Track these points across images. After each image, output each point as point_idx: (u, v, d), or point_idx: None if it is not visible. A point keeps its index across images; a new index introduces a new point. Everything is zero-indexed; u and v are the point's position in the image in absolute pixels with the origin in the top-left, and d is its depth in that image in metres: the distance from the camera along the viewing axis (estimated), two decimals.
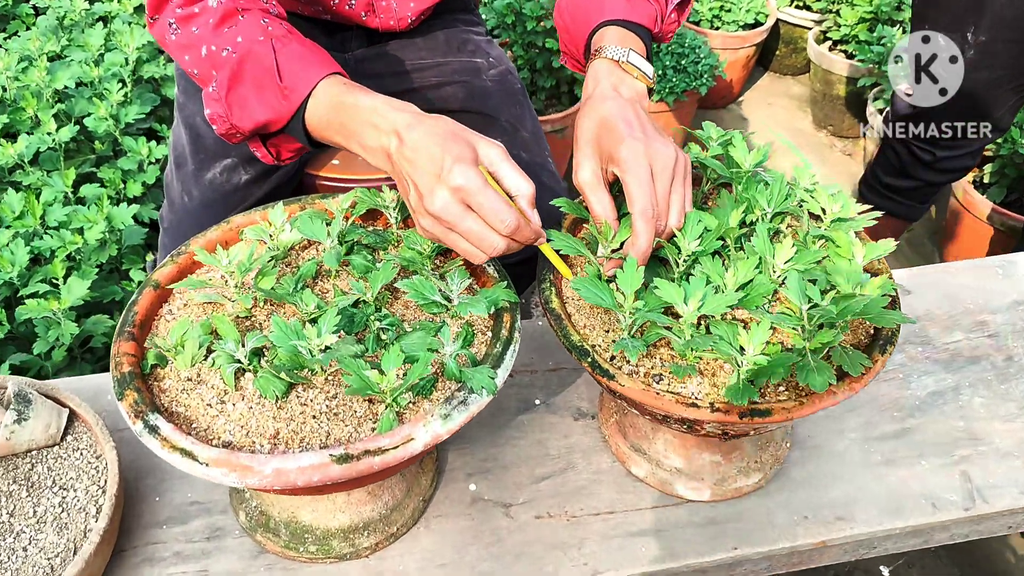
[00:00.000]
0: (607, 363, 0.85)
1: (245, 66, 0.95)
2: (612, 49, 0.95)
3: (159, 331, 0.90)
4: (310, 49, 0.97)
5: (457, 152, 0.82)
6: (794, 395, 0.84)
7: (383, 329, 0.87)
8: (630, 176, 0.85)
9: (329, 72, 0.94)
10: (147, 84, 1.92)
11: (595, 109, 0.91)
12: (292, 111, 0.94)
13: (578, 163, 0.91)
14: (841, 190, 0.92)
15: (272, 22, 0.99)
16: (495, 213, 0.81)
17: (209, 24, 0.98)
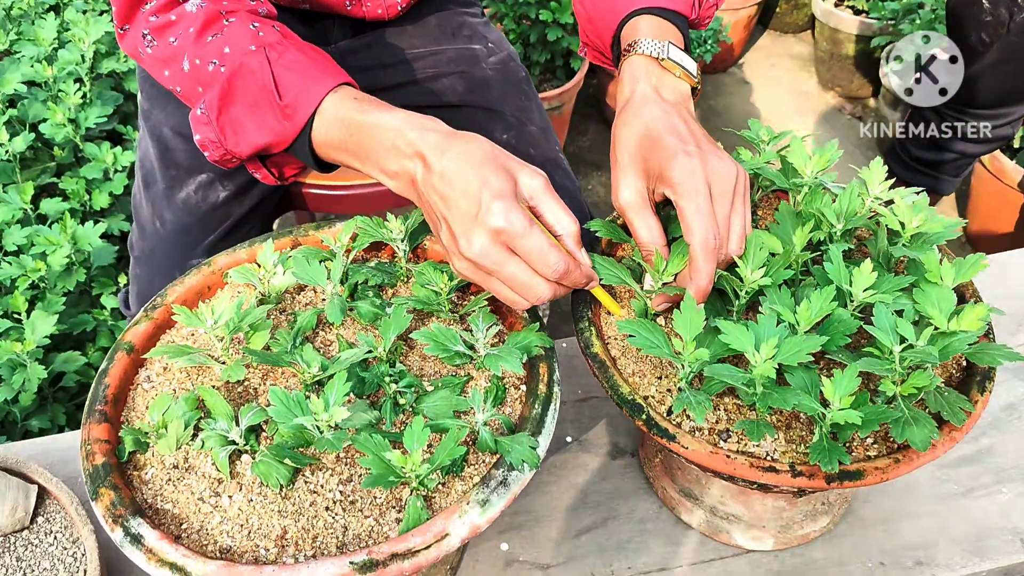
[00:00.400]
0: (665, 420, 0.73)
1: (237, 82, 0.82)
2: (648, 43, 0.81)
3: (136, 405, 0.76)
4: (311, 56, 0.83)
5: (497, 186, 0.70)
6: (884, 448, 0.73)
7: (400, 392, 0.74)
8: (687, 201, 0.72)
9: (336, 83, 0.81)
10: (107, 80, 1.75)
11: (636, 117, 0.77)
12: (296, 132, 0.81)
13: (618, 181, 0.78)
14: (924, 197, 0.79)
15: (263, 25, 0.85)
16: (543, 257, 0.70)
17: (190, 33, 0.84)
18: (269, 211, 1.25)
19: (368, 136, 0.77)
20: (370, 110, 0.78)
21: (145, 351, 0.80)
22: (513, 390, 0.77)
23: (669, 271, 0.77)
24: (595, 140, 2.56)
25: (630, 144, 0.77)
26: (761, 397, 0.69)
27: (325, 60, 0.84)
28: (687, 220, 0.72)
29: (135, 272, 1.15)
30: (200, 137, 0.85)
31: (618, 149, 0.78)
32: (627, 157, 0.77)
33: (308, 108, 0.80)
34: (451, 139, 0.73)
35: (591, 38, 0.93)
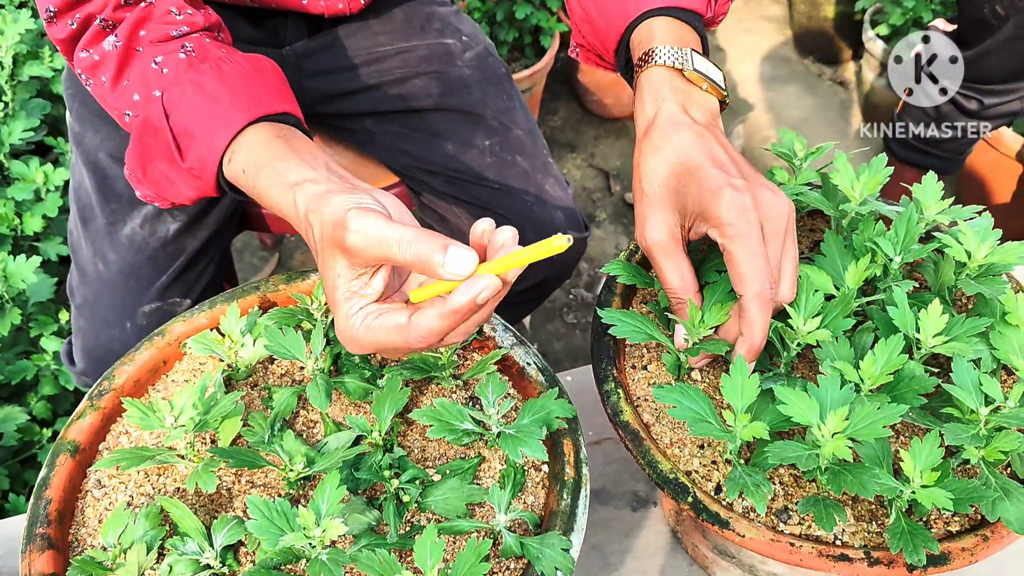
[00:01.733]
0: (714, 502, 0.63)
1: (147, 139, 0.74)
2: (668, 52, 0.69)
3: (86, 519, 0.64)
4: (210, 94, 0.70)
5: (330, 290, 0.58)
6: (966, 520, 0.63)
7: (403, 489, 0.63)
8: (739, 245, 0.61)
9: (233, 132, 0.69)
10: (31, 84, 1.57)
11: (666, 142, 0.66)
12: (212, 188, 0.73)
13: (645, 216, 0.66)
14: (989, 222, 0.69)
15: (167, 57, 0.73)
16: (397, 351, 0.59)
17: (104, 83, 0.75)
18: (227, 240, 1.11)
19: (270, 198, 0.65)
20: (258, 179, 0.66)
21: (93, 449, 0.67)
22: (534, 471, 0.66)
23: (707, 323, 0.66)
24: (567, 119, 2.43)
25: (660, 175, 0.65)
26: (831, 478, 0.59)
27: (228, 90, 0.70)
28: (739, 266, 0.61)
29: (78, 323, 1.00)
30: (141, 194, 0.79)
31: (645, 180, 0.66)
32: (657, 190, 0.65)
33: (211, 171, 0.70)
34: (310, 230, 0.60)
35: (590, 40, 0.80)
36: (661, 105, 0.68)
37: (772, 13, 2.78)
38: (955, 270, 0.69)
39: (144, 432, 0.68)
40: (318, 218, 0.58)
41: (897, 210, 0.72)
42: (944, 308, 0.66)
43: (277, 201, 0.64)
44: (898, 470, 0.63)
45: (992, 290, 0.66)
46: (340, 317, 0.58)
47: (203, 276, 1.05)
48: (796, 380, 0.66)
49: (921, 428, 0.67)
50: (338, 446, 0.65)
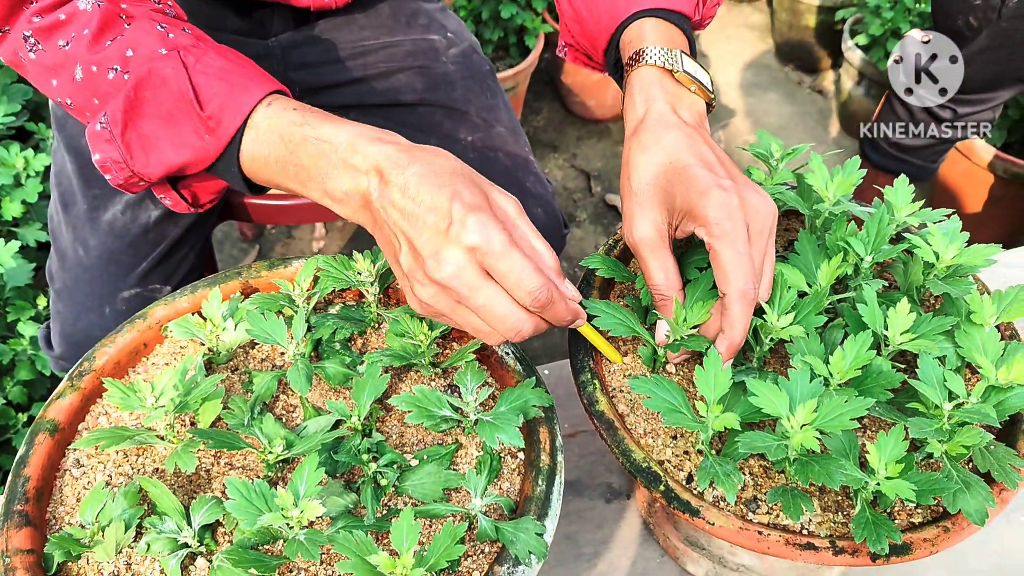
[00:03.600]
0: (686, 490, 0.64)
1: (145, 92, 0.68)
2: (658, 52, 0.70)
3: (64, 498, 0.64)
4: (235, 61, 0.70)
5: (471, 200, 0.59)
6: (929, 512, 0.65)
7: (380, 472, 0.64)
8: (725, 244, 0.62)
9: (268, 91, 0.68)
10: (11, 70, 1.56)
11: (655, 142, 0.67)
12: (220, 148, 0.68)
13: (633, 214, 0.67)
14: (957, 225, 0.71)
15: (172, 27, 0.71)
16: (522, 282, 0.59)
17: (84, 36, 0.70)
18: (208, 229, 1.11)
19: (312, 153, 0.65)
20: (315, 123, 0.66)
21: (72, 429, 0.67)
22: (510, 458, 0.67)
23: (690, 321, 0.67)
24: (550, 119, 2.44)
25: (648, 173, 0.67)
26: (799, 468, 0.61)
27: (251, 65, 0.71)
28: (724, 266, 0.62)
29: (56, 308, 1.00)
30: (100, 156, 0.71)
31: (634, 178, 0.67)
32: (645, 188, 0.67)
33: (236, 120, 0.67)
34: (414, 151, 0.62)
35: (579, 39, 0.81)
36: (651, 105, 0.69)
37: (754, 21, 2.81)
38: (923, 270, 0.71)
39: (124, 413, 0.69)
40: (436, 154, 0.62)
41: (869, 211, 0.74)
42: (912, 307, 0.68)
43: (338, 126, 0.64)
44: (864, 462, 0.64)
45: (958, 290, 0.68)
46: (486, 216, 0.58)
47: (183, 263, 1.06)
48: (768, 374, 0.67)
49: (887, 422, 0.68)
50: (317, 430, 0.66)
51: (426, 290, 0.61)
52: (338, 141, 0.64)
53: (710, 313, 0.67)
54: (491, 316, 0.61)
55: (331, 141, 0.64)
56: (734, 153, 2.30)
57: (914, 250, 0.70)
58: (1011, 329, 0.75)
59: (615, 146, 2.39)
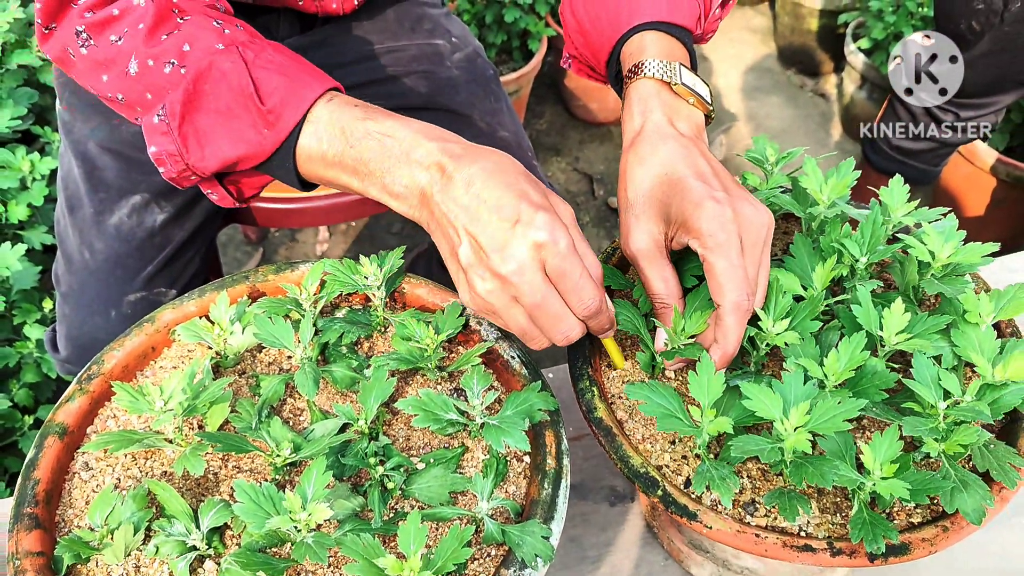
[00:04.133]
0: (683, 495, 0.65)
1: (204, 85, 0.69)
2: (657, 65, 0.71)
3: (73, 500, 0.65)
4: (293, 57, 0.71)
5: (537, 198, 0.61)
6: (928, 512, 0.66)
7: (387, 475, 0.65)
8: (718, 256, 0.63)
9: (326, 87, 0.70)
10: (18, 73, 1.57)
11: (652, 154, 0.68)
12: (278, 143, 0.69)
13: (630, 226, 0.68)
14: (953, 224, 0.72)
15: (227, 23, 0.72)
16: (579, 289, 0.62)
17: (139, 30, 0.71)
18: (213, 232, 1.12)
19: (374, 147, 0.66)
20: (378, 117, 0.67)
21: (81, 432, 0.68)
22: (516, 462, 0.68)
23: (688, 331, 0.68)
24: (552, 123, 2.45)
25: (644, 185, 0.68)
26: (794, 470, 0.62)
27: (308, 64, 0.72)
28: (718, 278, 0.63)
29: (63, 311, 1.01)
30: (156, 149, 0.71)
31: (630, 189, 0.68)
32: (641, 199, 0.68)
33: (296, 114, 0.68)
34: (476, 149, 0.64)
35: (582, 51, 0.82)
36: (648, 116, 0.70)
37: (756, 24, 2.82)
38: (919, 270, 0.72)
39: (132, 416, 0.70)
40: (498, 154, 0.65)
41: (864, 213, 0.74)
42: (908, 307, 0.69)
43: (402, 121, 0.66)
44: (861, 463, 0.65)
45: (954, 289, 0.69)
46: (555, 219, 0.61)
47: (189, 267, 1.07)
48: (763, 377, 0.68)
49: (884, 423, 0.69)
50: (324, 433, 0.67)
51: (485, 284, 0.62)
52: (401, 136, 0.66)
53: (708, 324, 0.68)
54: (544, 317, 0.63)
55: (394, 136, 0.66)
56: (735, 158, 2.30)
57: (909, 250, 0.71)
58: (1012, 326, 0.76)
59: (617, 149, 2.40)
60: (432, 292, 0.77)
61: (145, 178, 1.02)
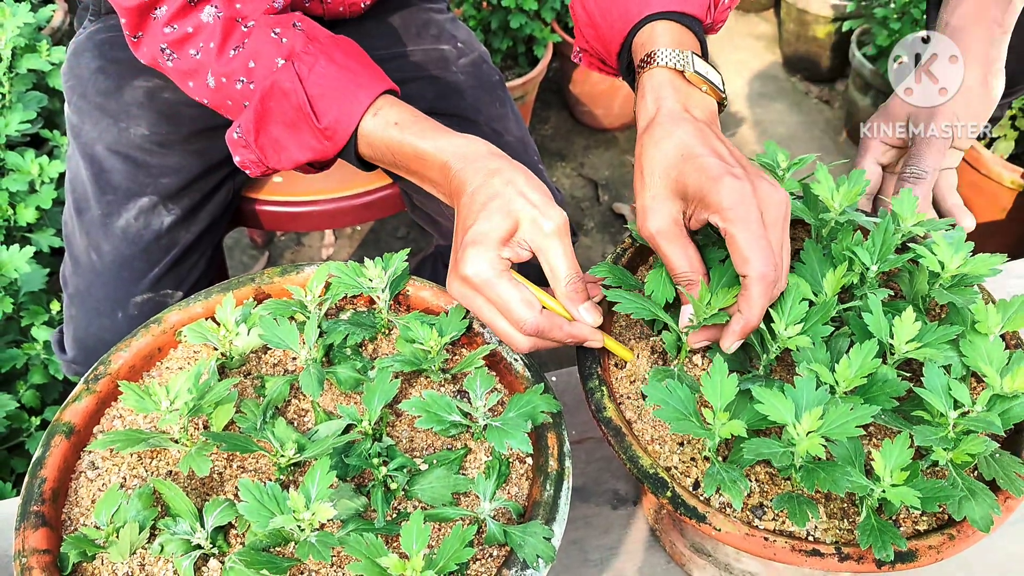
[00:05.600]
0: (692, 496, 0.65)
1: (270, 103, 0.79)
2: (669, 53, 0.72)
3: (80, 499, 0.65)
4: (342, 64, 0.79)
5: (482, 230, 0.68)
6: (934, 520, 0.66)
7: (390, 476, 0.65)
8: (739, 228, 0.63)
9: (373, 96, 0.78)
10: (28, 77, 1.58)
11: (667, 136, 0.68)
12: (338, 150, 0.80)
13: (646, 207, 0.68)
14: (962, 234, 0.72)
15: (284, 30, 0.79)
16: (509, 313, 0.68)
17: (211, 49, 0.80)
18: (219, 235, 1.13)
19: (416, 164, 0.77)
20: (413, 139, 0.76)
21: (87, 432, 0.69)
22: (518, 464, 0.68)
23: (714, 305, 0.68)
24: (558, 128, 2.46)
25: (661, 165, 0.68)
26: (805, 475, 0.62)
27: (358, 64, 0.80)
28: (741, 248, 0.63)
29: (70, 313, 1.02)
30: (240, 159, 0.84)
31: (647, 171, 0.68)
32: (658, 179, 0.68)
33: (348, 129, 0.78)
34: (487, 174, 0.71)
35: (593, 44, 0.83)
36: (662, 103, 0.70)
37: (761, 31, 2.82)
38: (929, 280, 0.72)
39: (138, 416, 0.70)
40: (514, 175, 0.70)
41: (875, 221, 0.74)
42: (917, 316, 0.69)
43: (435, 143, 0.75)
44: (870, 470, 0.65)
45: (963, 299, 0.69)
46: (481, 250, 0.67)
47: (195, 269, 1.07)
48: (774, 381, 0.68)
49: (893, 430, 0.69)
50: (328, 434, 0.67)
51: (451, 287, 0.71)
52: (431, 160, 0.75)
53: (734, 299, 0.67)
54: (496, 331, 0.69)
55: (425, 158, 0.76)
56: None
57: (919, 260, 0.71)
58: (1016, 338, 0.76)
59: (623, 155, 2.40)
60: (436, 295, 0.77)
61: (152, 181, 1.03)
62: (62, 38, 2.02)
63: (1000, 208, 1.84)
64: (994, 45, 0.92)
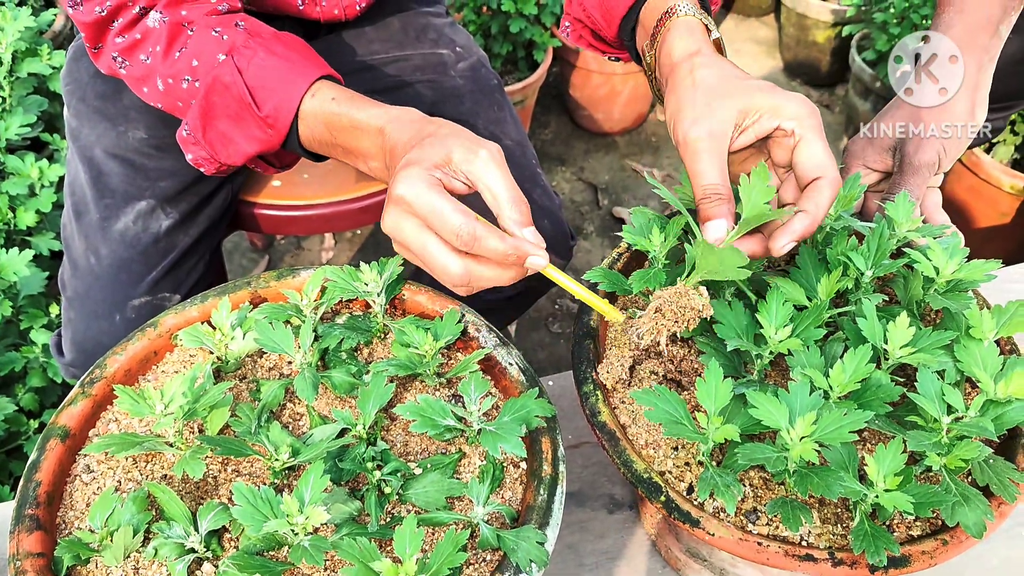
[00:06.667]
0: (686, 501, 0.65)
1: (213, 98, 0.80)
2: (692, 8, 0.73)
3: (74, 502, 0.65)
4: (281, 55, 0.79)
5: (415, 156, 0.66)
6: (927, 525, 0.66)
7: (384, 480, 0.65)
8: (816, 135, 0.67)
9: (311, 81, 0.78)
10: (28, 81, 1.59)
11: (717, 63, 0.70)
12: (282, 138, 0.80)
13: (686, 114, 0.68)
14: (958, 240, 0.72)
15: (225, 28, 0.81)
16: (442, 221, 0.63)
17: (157, 52, 0.82)
18: (218, 238, 1.13)
19: (348, 137, 0.76)
20: (346, 108, 0.75)
21: (83, 435, 0.69)
22: (512, 468, 0.68)
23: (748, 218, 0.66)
24: (558, 133, 2.46)
25: (715, 78, 0.68)
26: (799, 480, 0.62)
27: (297, 54, 0.80)
28: (820, 155, 0.66)
29: (68, 316, 1.02)
30: (192, 156, 0.85)
31: (699, 81, 0.69)
32: (712, 89, 0.68)
33: (288, 115, 0.78)
34: (423, 124, 0.70)
35: (591, 11, 0.84)
36: (702, 45, 0.71)
37: (762, 36, 2.82)
38: (923, 285, 0.72)
39: (134, 420, 0.70)
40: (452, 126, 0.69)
41: (870, 226, 0.74)
42: (912, 321, 0.69)
43: (369, 112, 0.74)
44: (864, 475, 0.65)
45: (958, 305, 0.69)
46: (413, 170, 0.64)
47: (193, 272, 1.07)
48: (768, 386, 0.68)
49: (887, 435, 0.69)
50: (323, 438, 0.67)
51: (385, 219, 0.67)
52: (366, 128, 0.74)
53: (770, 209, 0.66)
54: (429, 261, 0.65)
55: (357, 124, 0.75)
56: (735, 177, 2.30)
57: (914, 265, 0.71)
58: (1011, 343, 0.76)
59: (622, 159, 2.40)
60: (432, 299, 0.78)
61: (150, 184, 1.03)
62: (63, 42, 2.02)
63: (1000, 213, 1.85)
64: (982, 72, 0.92)
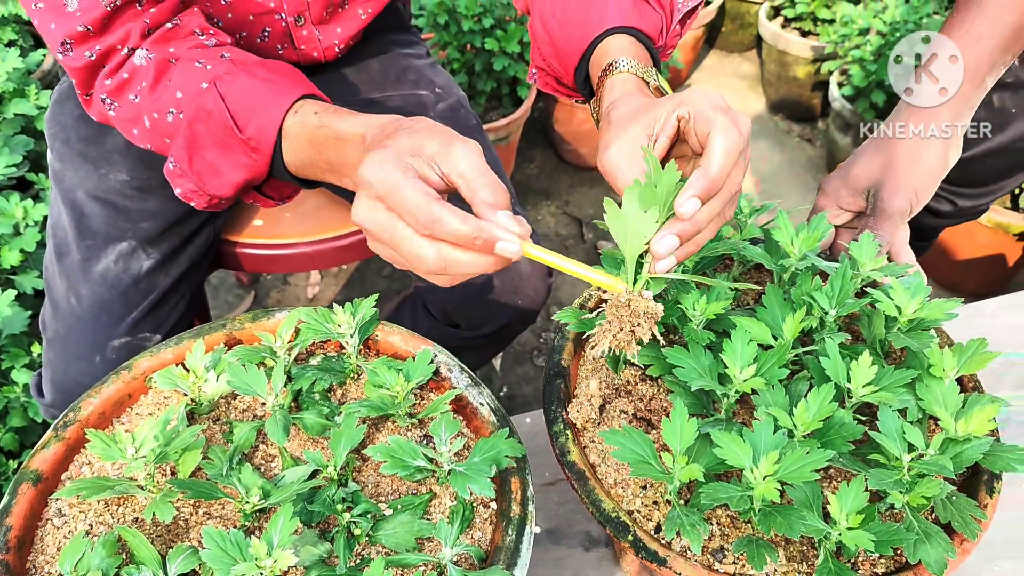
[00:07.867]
0: (653, 540, 0.66)
1: (198, 127, 0.80)
2: (630, 62, 0.74)
3: (45, 547, 0.65)
4: (263, 77, 0.79)
5: (388, 142, 0.65)
6: (892, 564, 0.66)
7: (354, 522, 0.65)
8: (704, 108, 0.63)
9: (292, 100, 0.78)
10: (15, 121, 1.60)
11: (627, 102, 0.69)
12: (267, 161, 0.79)
13: (602, 147, 0.67)
14: (920, 279, 0.74)
15: (208, 58, 0.81)
16: (401, 201, 0.60)
17: (144, 89, 0.81)
18: (199, 278, 1.14)
19: (334, 150, 0.74)
20: (330, 121, 0.74)
21: (55, 479, 0.69)
22: (482, 508, 0.69)
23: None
24: (543, 168, 2.49)
25: (624, 110, 0.68)
26: (762, 519, 0.62)
27: (279, 75, 0.80)
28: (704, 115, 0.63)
29: (48, 356, 1.02)
30: (181, 190, 0.84)
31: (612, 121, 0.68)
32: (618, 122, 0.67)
33: (271, 135, 0.77)
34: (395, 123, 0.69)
35: (550, 61, 0.85)
36: (624, 96, 0.71)
37: (744, 71, 2.87)
38: (886, 324, 0.73)
39: (106, 463, 0.70)
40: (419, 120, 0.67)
41: (835, 266, 0.76)
42: (875, 360, 0.70)
43: (353, 122, 0.72)
44: (828, 513, 0.66)
45: (919, 343, 0.70)
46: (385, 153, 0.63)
47: (173, 312, 1.08)
48: (735, 425, 0.69)
49: (851, 473, 0.70)
50: (294, 480, 0.67)
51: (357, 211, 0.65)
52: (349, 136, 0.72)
53: None
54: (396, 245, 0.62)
55: (343, 138, 0.73)
56: None
57: (876, 304, 0.72)
58: (974, 380, 0.77)
59: (607, 193, 2.43)
60: (405, 339, 0.79)
61: (132, 226, 1.04)
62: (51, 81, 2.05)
63: (977, 246, 1.87)
64: (959, 119, 0.94)
